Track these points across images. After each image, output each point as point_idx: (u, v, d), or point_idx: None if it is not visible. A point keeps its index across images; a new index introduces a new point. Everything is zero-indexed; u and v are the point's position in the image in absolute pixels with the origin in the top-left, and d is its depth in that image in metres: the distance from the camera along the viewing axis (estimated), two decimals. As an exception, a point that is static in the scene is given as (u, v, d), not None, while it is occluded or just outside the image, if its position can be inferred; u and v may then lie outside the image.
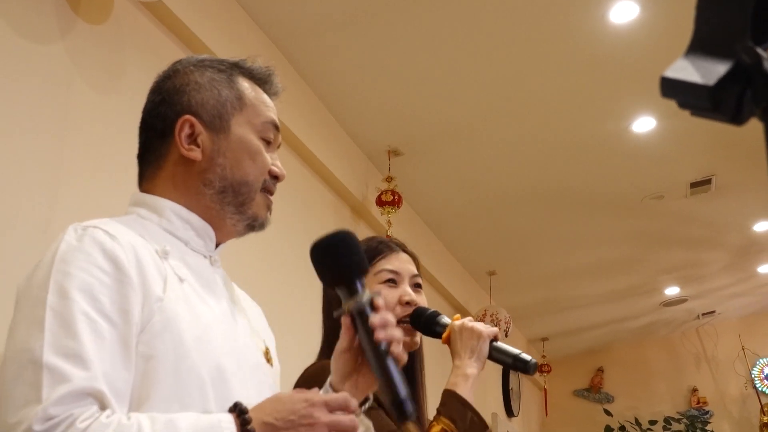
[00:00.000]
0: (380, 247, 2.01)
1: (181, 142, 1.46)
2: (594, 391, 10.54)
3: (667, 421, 9.82)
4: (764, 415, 9.54)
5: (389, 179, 5.08)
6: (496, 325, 6.93)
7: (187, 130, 1.47)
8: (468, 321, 1.96)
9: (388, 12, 4.00)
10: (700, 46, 0.66)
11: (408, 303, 1.95)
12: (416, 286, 2.03)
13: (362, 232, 5.14)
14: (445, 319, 2.00)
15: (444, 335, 1.96)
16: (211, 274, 1.49)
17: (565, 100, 4.87)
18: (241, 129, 1.49)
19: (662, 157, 5.67)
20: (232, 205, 1.47)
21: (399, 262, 2.01)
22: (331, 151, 4.68)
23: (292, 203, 4.22)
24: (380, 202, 5.02)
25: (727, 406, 10.01)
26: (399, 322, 1.91)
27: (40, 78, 2.59)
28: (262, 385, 1.45)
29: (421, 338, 2.04)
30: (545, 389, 10.00)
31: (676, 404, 10.15)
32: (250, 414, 1.23)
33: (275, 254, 3.95)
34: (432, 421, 1.83)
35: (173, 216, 1.46)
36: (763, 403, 9.63)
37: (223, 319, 1.43)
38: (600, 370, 10.58)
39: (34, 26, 2.59)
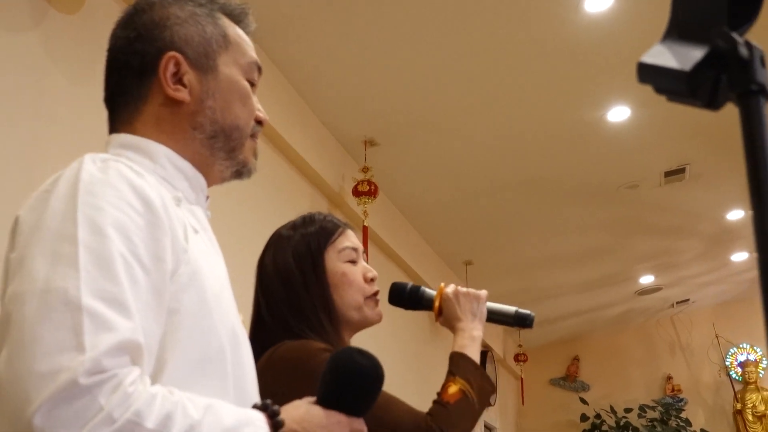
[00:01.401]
0: (335, 224, 1.96)
1: (167, 81, 1.31)
2: (570, 379, 10.61)
3: (642, 408, 9.92)
4: (737, 402, 9.66)
5: (365, 169, 5.08)
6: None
7: (172, 68, 1.32)
8: (458, 288, 1.97)
9: (365, 2, 3.99)
10: (677, 31, 0.66)
11: (372, 279, 1.93)
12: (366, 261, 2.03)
13: (339, 223, 5.14)
14: (429, 291, 2.00)
15: (436, 305, 1.96)
16: (209, 227, 1.38)
17: (540, 89, 4.89)
18: (229, 69, 1.37)
19: (637, 146, 5.71)
20: (222, 151, 1.35)
21: (354, 239, 1.99)
22: (307, 141, 4.67)
23: (267, 193, 4.21)
24: (356, 193, 5.02)
25: (702, 394, 10.12)
26: (368, 298, 1.91)
27: (13, 67, 2.56)
28: (249, 349, 1.35)
29: None
30: (521, 378, 10.06)
31: (650, 392, 10.24)
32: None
33: (249, 245, 3.93)
34: (447, 382, 1.82)
35: (167, 162, 1.31)
36: (736, 390, 9.74)
37: (226, 276, 1.33)
38: (576, 359, 10.66)
39: (7, 15, 2.57)
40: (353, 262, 1.94)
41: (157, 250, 1.12)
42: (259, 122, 1.42)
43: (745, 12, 0.65)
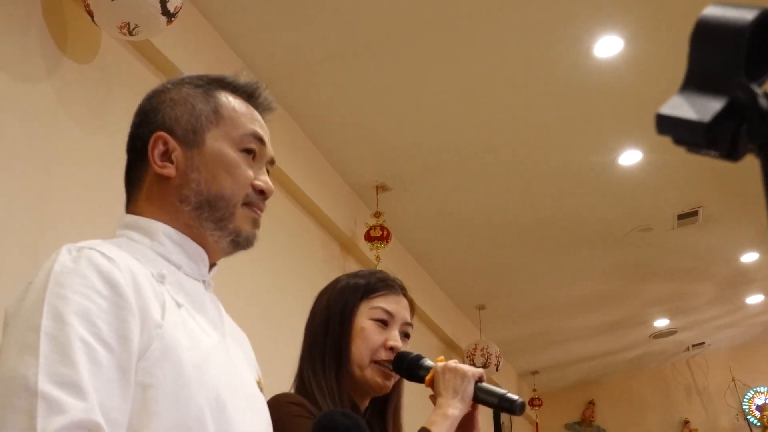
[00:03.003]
0: (382, 285, 1.96)
1: (154, 159, 1.41)
2: (585, 424, 10.50)
3: (659, 453, 9.80)
4: (755, 446, 9.53)
5: (377, 214, 5.08)
6: (486, 360, 6.95)
7: (160, 147, 1.41)
8: (453, 362, 1.90)
9: (375, 48, 4.02)
10: (695, 82, 0.65)
11: (392, 349, 1.90)
12: (405, 335, 1.98)
13: (351, 268, 5.13)
14: (428, 362, 1.93)
15: (427, 378, 1.90)
16: (206, 299, 1.44)
17: (551, 133, 4.89)
18: (217, 143, 1.42)
19: (649, 190, 5.69)
20: (210, 221, 1.40)
21: (396, 305, 1.96)
22: (318, 187, 4.68)
23: (280, 240, 4.21)
24: (369, 238, 5.01)
25: (719, 438, 10.00)
26: (379, 364, 1.89)
27: (26, 116, 2.58)
28: (259, 416, 1.41)
29: (401, 385, 2.01)
30: (536, 423, 9.96)
31: (667, 436, 10.13)
32: None
33: (264, 291, 3.93)
34: None
35: (165, 239, 1.40)
36: (754, 434, 9.62)
37: (220, 346, 1.38)
38: (591, 402, 10.56)
39: (21, 65, 2.59)
40: (383, 323, 1.92)
41: (123, 330, 1.19)
42: (261, 192, 1.45)
43: (764, 63, 0.64)
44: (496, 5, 3.82)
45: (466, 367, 1.87)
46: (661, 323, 8.76)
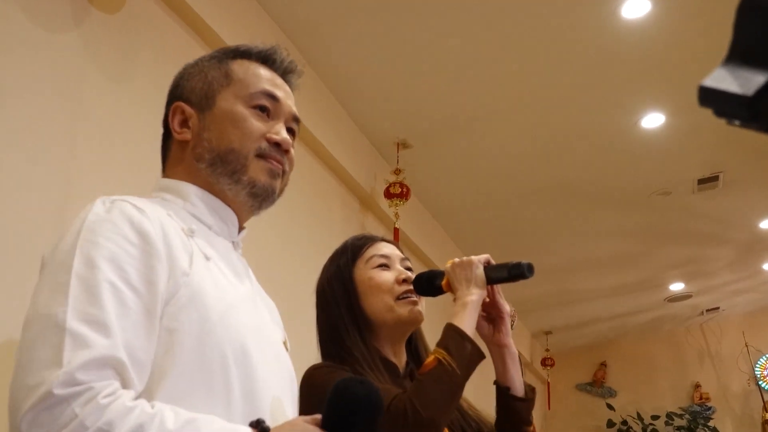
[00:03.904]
0: (363, 241, 2.03)
1: (174, 127, 1.52)
2: (597, 385, 10.56)
3: (670, 416, 9.84)
4: (766, 411, 9.56)
5: (398, 171, 5.09)
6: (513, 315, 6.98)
7: (179, 116, 1.52)
8: (455, 259, 1.97)
9: (399, 5, 3.99)
10: (739, 55, 0.66)
11: (405, 280, 1.96)
12: (407, 269, 2.03)
13: (370, 224, 5.15)
14: (440, 273, 2.01)
15: (443, 283, 1.97)
16: (234, 257, 1.50)
17: (574, 94, 4.87)
18: (227, 102, 1.50)
19: (670, 153, 5.67)
20: (224, 175, 1.47)
21: (387, 249, 2.03)
22: (340, 143, 4.68)
23: (300, 194, 4.22)
24: (388, 195, 5.02)
25: (730, 403, 10.03)
26: (400, 298, 1.94)
27: (54, 66, 2.59)
28: (284, 369, 1.46)
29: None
30: (548, 382, 10.02)
31: (678, 400, 10.16)
32: None
33: (283, 246, 3.95)
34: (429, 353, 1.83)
35: (197, 200, 1.48)
36: (765, 399, 9.64)
37: (247, 298, 1.44)
38: (603, 364, 10.60)
39: (49, 15, 2.60)
40: (385, 267, 1.96)
41: (150, 276, 1.26)
42: (276, 144, 1.50)
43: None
44: (523, -36, 3.78)
45: (472, 257, 1.94)
46: (677, 287, 8.76)
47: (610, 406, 10.03)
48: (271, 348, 1.43)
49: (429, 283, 2.00)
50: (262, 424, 1.22)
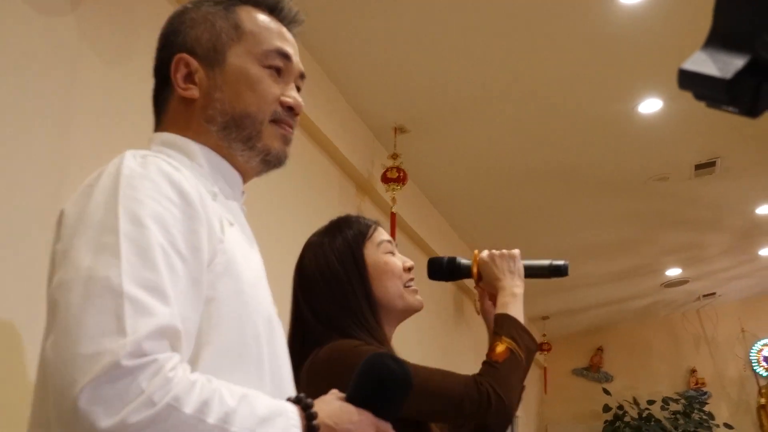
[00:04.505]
0: (367, 222, 2.03)
1: (177, 82, 1.40)
2: (593, 370, 10.61)
3: (666, 401, 9.90)
4: (762, 396, 9.61)
5: (395, 156, 5.09)
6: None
7: (183, 70, 1.40)
8: (494, 251, 2.04)
9: (397, -12, 3.99)
10: (718, 39, 0.67)
11: (410, 269, 1.98)
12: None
13: (367, 209, 5.16)
14: (465, 260, 2.07)
15: (474, 270, 2.04)
16: (245, 221, 1.44)
17: (572, 79, 4.87)
18: (239, 59, 1.40)
19: (668, 139, 5.67)
20: (238, 141, 1.39)
21: (386, 234, 2.04)
22: (337, 127, 4.68)
23: (297, 178, 4.23)
24: (385, 179, 5.03)
25: (726, 388, 10.08)
26: (406, 286, 1.96)
27: (48, 48, 2.59)
28: (284, 340, 1.40)
29: None
30: (545, 367, 10.06)
31: (674, 385, 10.22)
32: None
33: (279, 230, 3.96)
34: (493, 342, 1.87)
35: (204, 160, 1.38)
36: (761, 385, 9.70)
37: (263, 268, 1.39)
38: (600, 349, 10.65)
39: (45, -3, 2.59)
40: (391, 254, 1.98)
41: (194, 241, 1.17)
42: (290, 108, 1.43)
43: (788, 22, 0.66)
44: (521, -52, 3.78)
45: (510, 250, 2.03)
46: (674, 272, 8.79)
47: (606, 391, 10.08)
48: (279, 322, 1.38)
49: (451, 270, 2.07)
50: (304, 401, 1.18)
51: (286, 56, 1.46)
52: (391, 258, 1.96)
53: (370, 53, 4.49)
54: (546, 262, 2.08)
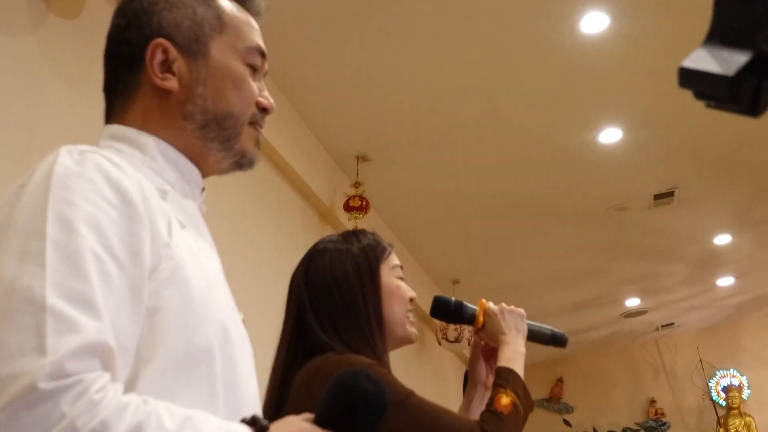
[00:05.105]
0: (384, 242, 2.00)
1: (154, 70, 1.26)
2: (554, 401, 10.59)
3: (625, 431, 9.91)
4: (720, 427, 9.66)
5: (357, 185, 5.08)
6: (460, 335, 6.97)
7: (159, 56, 1.26)
8: (502, 305, 2.04)
9: (360, 16, 3.99)
10: (719, 36, 0.65)
11: (412, 300, 1.96)
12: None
13: (329, 237, 5.12)
14: (471, 306, 2.06)
15: (480, 319, 2.02)
16: (202, 221, 1.31)
17: (532, 109, 4.90)
18: (223, 54, 1.30)
19: (627, 168, 5.72)
20: (216, 141, 1.28)
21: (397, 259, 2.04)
22: (299, 154, 4.66)
23: (259, 206, 4.19)
24: (348, 207, 5.01)
25: (684, 418, 10.12)
26: (407, 317, 1.94)
27: (10, 71, 2.55)
28: (250, 355, 1.27)
29: None
30: (505, 398, 10.01)
31: (634, 415, 10.24)
32: None
33: (241, 258, 3.91)
34: (497, 393, 1.84)
35: (158, 154, 1.25)
36: (719, 415, 9.74)
37: (220, 272, 1.27)
38: (560, 380, 10.64)
39: (5, 19, 2.56)
40: (401, 279, 1.96)
41: (134, 245, 1.06)
42: (263, 109, 1.36)
43: (790, 17, 0.64)
44: (484, -23, 3.80)
45: (520, 309, 2.03)
46: (633, 303, 8.83)
47: (566, 422, 10.07)
48: (240, 328, 1.25)
49: (457, 314, 2.06)
50: (260, 422, 1.07)
51: (263, 55, 1.38)
52: (402, 283, 1.95)
53: (332, 81, 4.48)
54: (547, 328, 2.10)
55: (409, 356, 6.86)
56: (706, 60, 0.65)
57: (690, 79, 0.65)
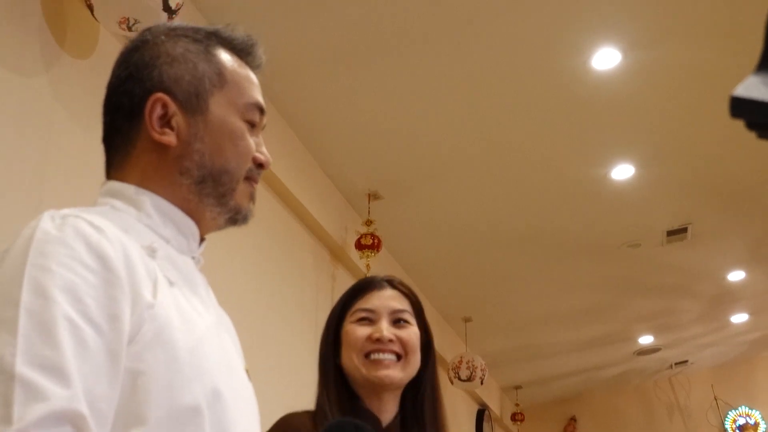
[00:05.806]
0: (360, 285, 1.92)
1: (153, 124, 1.25)
2: (567, 440, 10.48)
3: (640, 471, 9.79)
4: (736, 465, 9.53)
5: (369, 223, 5.05)
6: (472, 373, 6.90)
7: (159, 111, 1.26)
8: None
9: (371, 56, 3.99)
10: (772, 63, 0.62)
11: (378, 339, 1.81)
12: (397, 321, 1.88)
13: (341, 276, 5.09)
14: None
15: None
16: (197, 277, 1.30)
17: (545, 145, 4.88)
18: (222, 110, 1.29)
19: (640, 205, 5.69)
20: (211, 197, 1.27)
21: (378, 300, 1.88)
22: (311, 192, 4.64)
23: (270, 245, 4.16)
24: (359, 246, 4.97)
25: (700, 457, 9.99)
26: (368, 357, 1.82)
27: (23, 110, 2.54)
28: (251, 406, 1.28)
29: (429, 375, 1.94)
30: (518, 438, 9.91)
31: (648, 455, 10.11)
32: None
33: (252, 296, 3.88)
34: None
35: (153, 210, 1.25)
36: (735, 453, 9.62)
37: (213, 328, 1.25)
38: (573, 419, 10.53)
39: (18, 58, 2.55)
40: (366, 321, 1.85)
41: (113, 309, 1.06)
42: (259, 165, 1.34)
43: None
44: (494, 14, 3.79)
45: None
46: (646, 340, 8.75)
47: (580, 462, 9.96)
48: (238, 383, 1.25)
49: None
50: None
51: (262, 111, 1.36)
52: (352, 327, 1.84)
53: (344, 120, 4.48)
54: None
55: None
56: (758, 88, 0.62)
57: (742, 108, 0.62)
